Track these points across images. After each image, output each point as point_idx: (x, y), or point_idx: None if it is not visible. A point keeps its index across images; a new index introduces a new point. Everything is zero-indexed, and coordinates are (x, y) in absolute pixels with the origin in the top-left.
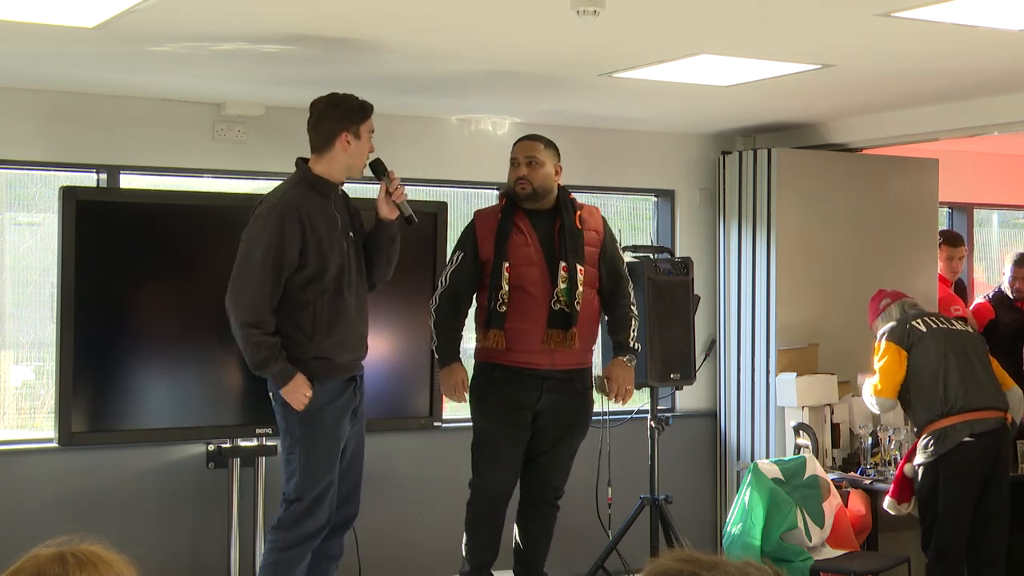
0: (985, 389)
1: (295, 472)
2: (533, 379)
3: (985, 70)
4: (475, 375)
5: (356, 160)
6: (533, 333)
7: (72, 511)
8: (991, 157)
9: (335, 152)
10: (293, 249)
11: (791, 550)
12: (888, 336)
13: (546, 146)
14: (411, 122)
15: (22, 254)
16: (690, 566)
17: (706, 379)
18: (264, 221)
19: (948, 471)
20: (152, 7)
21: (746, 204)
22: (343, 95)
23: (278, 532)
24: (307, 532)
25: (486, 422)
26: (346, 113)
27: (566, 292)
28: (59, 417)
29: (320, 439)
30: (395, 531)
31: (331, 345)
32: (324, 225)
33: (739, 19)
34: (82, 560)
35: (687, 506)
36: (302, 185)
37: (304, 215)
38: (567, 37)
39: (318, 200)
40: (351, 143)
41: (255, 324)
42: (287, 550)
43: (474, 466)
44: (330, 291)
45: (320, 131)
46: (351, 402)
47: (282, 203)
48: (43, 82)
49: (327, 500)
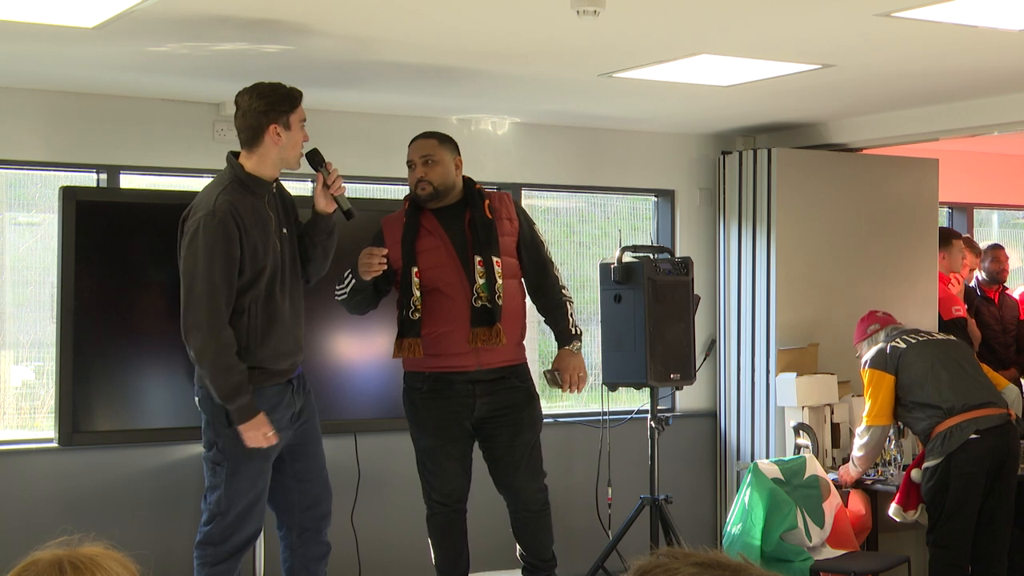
0: (980, 386)
1: (220, 484)
2: (463, 385)
3: (985, 70)
4: (405, 388)
5: (289, 152)
6: (456, 334)
7: (72, 511)
8: (991, 157)
9: (265, 147)
10: (236, 257)
11: (791, 550)
12: (872, 364)
13: (440, 142)
14: (411, 122)
15: (22, 254)
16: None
17: (706, 379)
18: (203, 234)
19: (957, 468)
20: (152, 7)
21: (746, 204)
22: (269, 84)
23: (206, 548)
24: (236, 545)
25: (426, 439)
26: (273, 104)
27: (485, 287)
28: (59, 417)
29: (250, 452)
30: (395, 531)
31: (266, 354)
32: (258, 228)
33: (739, 19)
34: (79, 567)
35: (687, 506)
36: (234, 186)
37: (239, 221)
38: (567, 37)
39: (250, 200)
40: (281, 135)
41: (225, 344)
42: (217, 564)
43: (425, 480)
44: (262, 297)
45: (247, 125)
46: (290, 407)
47: (216, 211)
48: (43, 82)
49: (256, 512)
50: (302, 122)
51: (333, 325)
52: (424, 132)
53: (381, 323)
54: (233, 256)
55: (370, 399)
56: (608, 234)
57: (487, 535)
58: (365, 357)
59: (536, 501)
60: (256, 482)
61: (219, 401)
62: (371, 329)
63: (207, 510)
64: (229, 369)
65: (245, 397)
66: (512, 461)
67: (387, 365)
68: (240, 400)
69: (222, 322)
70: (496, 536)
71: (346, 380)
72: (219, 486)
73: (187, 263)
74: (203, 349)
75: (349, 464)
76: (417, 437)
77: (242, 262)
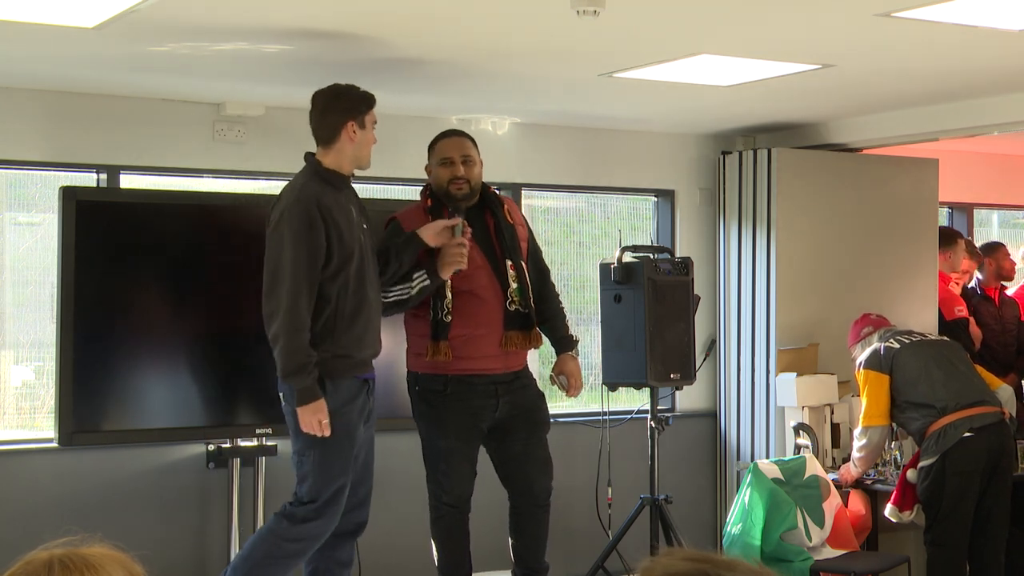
0: (973, 385)
1: (308, 474)
2: (485, 386)
3: (985, 70)
4: (420, 389)
5: (363, 151)
6: (489, 337)
7: (72, 511)
8: (991, 157)
9: (342, 143)
10: (321, 245)
11: (791, 550)
12: (866, 365)
13: (473, 142)
14: (411, 122)
15: (22, 254)
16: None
17: (706, 379)
18: (288, 222)
19: (952, 467)
20: (152, 7)
21: (746, 204)
22: (345, 86)
23: (283, 522)
24: (311, 533)
25: (444, 440)
26: (351, 103)
27: (519, 292)
28: (59, 417)
29: (336, 439)
30: (395, 531)
31: (351, 340)
32: (342, 218)
33: (739, 19)
34: (68, 567)
35: (687, 506)
36: (315, 179)
37: (324, 209)
38: (567, 37)
39: (333, 193)
40: (357, 133)
41: (298, 328)
42: (290, 542)
43: (435, 482)
44: (352, 285)
45: (325, 123)
46: (366, 405)
47: (301, 200)
48: (43, 82)
49: (339, 504)
50: (375, 124)
51: None
52: (456, 130)
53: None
54: (317, 244)
55: None
56: (608, 234)
57: (487, 535)
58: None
59: (545, 495)
60: (344, 468)
61: (283, 380)
62: None
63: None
64: (298, 351)
65: (308, 379)
66: (529, 457)
67: (387, 365)
68: (303, 380)
69: (300, 309)
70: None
71: None
72: (307, 476)
73: (271, 250)
74: (278, 332)
75: None
76: (433, 439)
77: (329, 250)
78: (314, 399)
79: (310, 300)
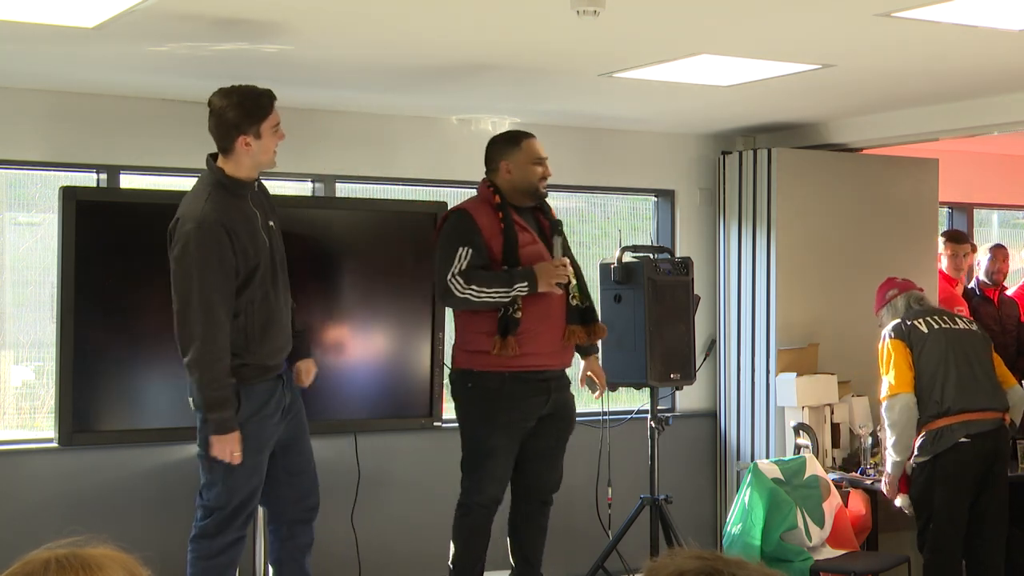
0: (983, 390)
1: (217, 481)
2: (537, 383)
3: (985, 70)
4: (474, 387)
5: (262, 157)
6: (551, 332)
7: (72, 511)
8: (991, 157)
9: (237, 155)
10: (230, 266)
11: (791, 550)
12: (892, 335)
13: None
14: (411, 122)
15: (22, 254)
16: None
17: (706, 379)
18: (194, 246)
19: (943, 472)
20: (152, 7)
21: (746, 204)
22: (242, 91)
23: (201, 542)
24: (231, 539)
25: (495, 438)
26: (243, 115)
27: (578, 288)
28: (59, 417)
29: (245, 448)
30: (395, 531)
31: (265, 352)
32: (245, 229)
33: (739, 19)
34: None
35: (687, 506)
36: (217, 190)
37: (228, 226)
38: (567, 37)
39: (234, 202)
40: (252, 144)
41: (215, 359)
42: (213, 558)
43: (474, 480)
44: (258, 296)
45: (217, 135)
46: (282, 401)
47: (203, 225)
48: (43, 82)
49: (251, 507)
50: (275, 127)
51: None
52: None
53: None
54: (226, 264)
55: (370, 399)
56: (608, 234)
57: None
58: (365, 357)
59: (554, 490)
60: (253, 477)
61: (200, 411)
62: (372, 329)
63: (202, 506)
64: (214, 382)
65: (227, 412)
66: (553, 454)
67: (387, 365)
68: (222, 413)
69: (216, 335)
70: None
71: (346, 380)
72: (217, 482)
73: (179, 277)
74: (195, 361)
75: (349, 464)
76: (482, 437)
77: (236, 267)
78: (229, 431)
79: (225, 324)
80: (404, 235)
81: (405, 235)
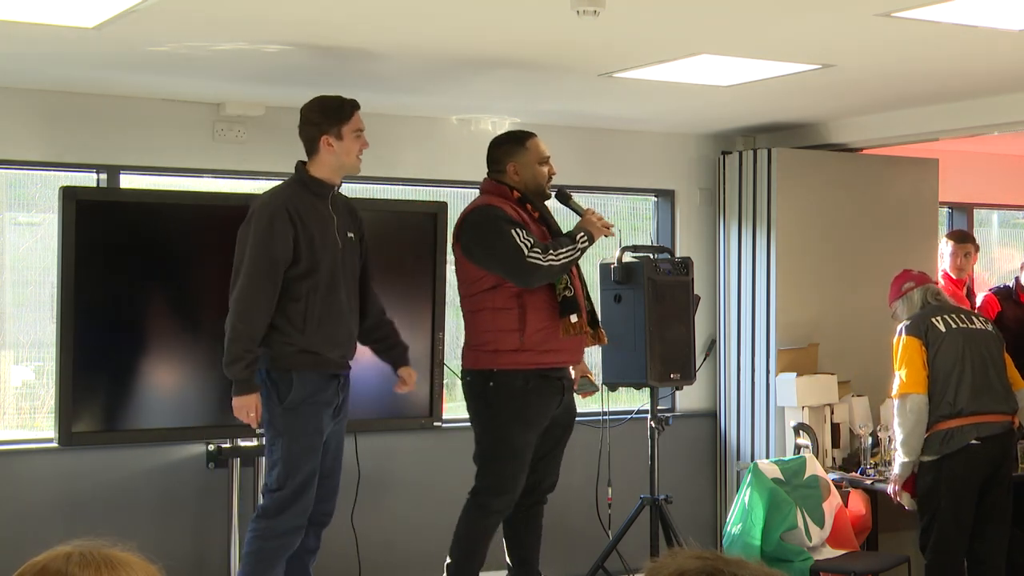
0: (996, 393)
1: (277, 462)
2: (554, 380)
3: (985, 70)
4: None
5: (345, 159)
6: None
7: (72, 511)
8: (991, 157)
9: (321, 155)
10: (284, 245)
11: (791, 550)
12: (908, 331)
13: None
14: (411, 122)
15: (22, 254)
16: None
17: (706, 379)
18: (255, 220)
19: (950, 473)
20: (152, 7)
21: (746, 204)
22: (326, 98)
23: (261, 521)
24: (292, 523)
25: (524, 435)
26: (325, 116)
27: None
28: (59, 417)
29: (301, 430)
30: (395, 531)
31: (320, 339)
32: (316, 223)
33: (739, 19)
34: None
35: (687, 506)
36: (296, 185)
37: (294, 212)
38: (567, 37)
39: (310, 198)
40: (334, 144)
41: (245, 321)
42: (273, 539)
43: (498, 482)
44: (322, 288)
45: (304, 137)
46: (334, 399)
47: (272, 201)
48: (43, 82)
49: (310, 490)
50: (356, 132)
51: None
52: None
53: None
54: (277, 244)
55: (370, 399)
56: None
57: None
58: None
59: (550, 490)
60: (311, 458)
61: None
62: None
63: (265, 488)
64: (238, 339)
65: (245, 372)
66: (554, 454)
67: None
68: (239, 372)
69: (251, 303)
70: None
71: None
72: (276, 464)
73: (239, 245)
74: (230, 324)
75: (349, 464)
76: (508, 436)
77: (297, 250)
78: (248, 392)
79: (267, 296)
80: (404, 235)
81: (405, 235)
